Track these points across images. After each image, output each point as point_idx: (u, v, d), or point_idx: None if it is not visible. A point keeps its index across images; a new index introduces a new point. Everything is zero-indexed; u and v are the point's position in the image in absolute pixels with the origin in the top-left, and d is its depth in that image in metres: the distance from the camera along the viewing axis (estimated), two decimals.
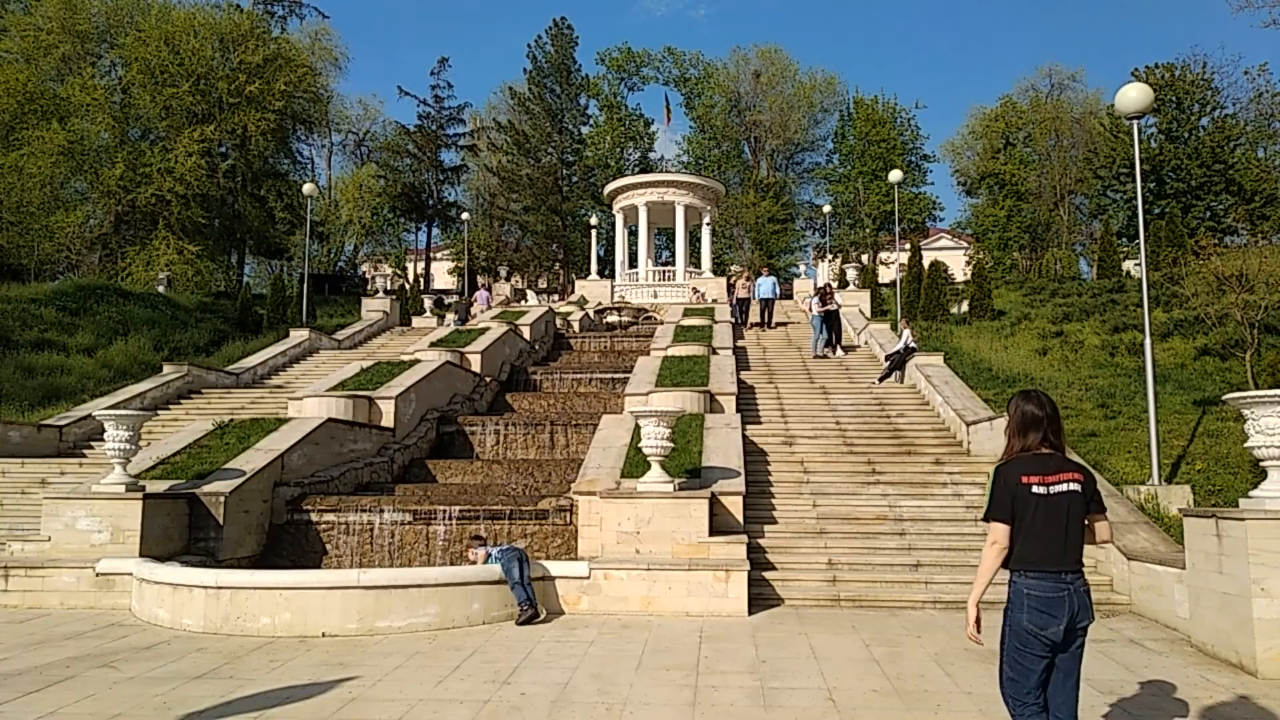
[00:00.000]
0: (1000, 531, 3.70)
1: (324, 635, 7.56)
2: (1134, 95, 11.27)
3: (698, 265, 42.02)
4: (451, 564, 9.45)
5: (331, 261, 50.12)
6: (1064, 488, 3.69)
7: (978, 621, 3.74)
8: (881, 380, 17.27)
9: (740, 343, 21.60)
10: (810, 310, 21.06)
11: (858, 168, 53.71)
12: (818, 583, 9.13)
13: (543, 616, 8.13)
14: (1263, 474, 7.04)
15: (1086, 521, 3.73)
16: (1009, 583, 3.72)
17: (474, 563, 8.62)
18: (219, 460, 10.75)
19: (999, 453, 12.16)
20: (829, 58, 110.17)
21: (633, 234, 42.82)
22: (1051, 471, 3.71)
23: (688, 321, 21.92)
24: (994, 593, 3.88)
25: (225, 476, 10.22)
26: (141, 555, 9.05)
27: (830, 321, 20.55)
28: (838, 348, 20.56)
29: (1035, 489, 3.67)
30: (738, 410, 13.82)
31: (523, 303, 35.60)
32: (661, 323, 24.34)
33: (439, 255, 59.73)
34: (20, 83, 32.04)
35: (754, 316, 25.14)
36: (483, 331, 19.62)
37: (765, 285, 24.83)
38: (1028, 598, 3.64)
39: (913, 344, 17.61)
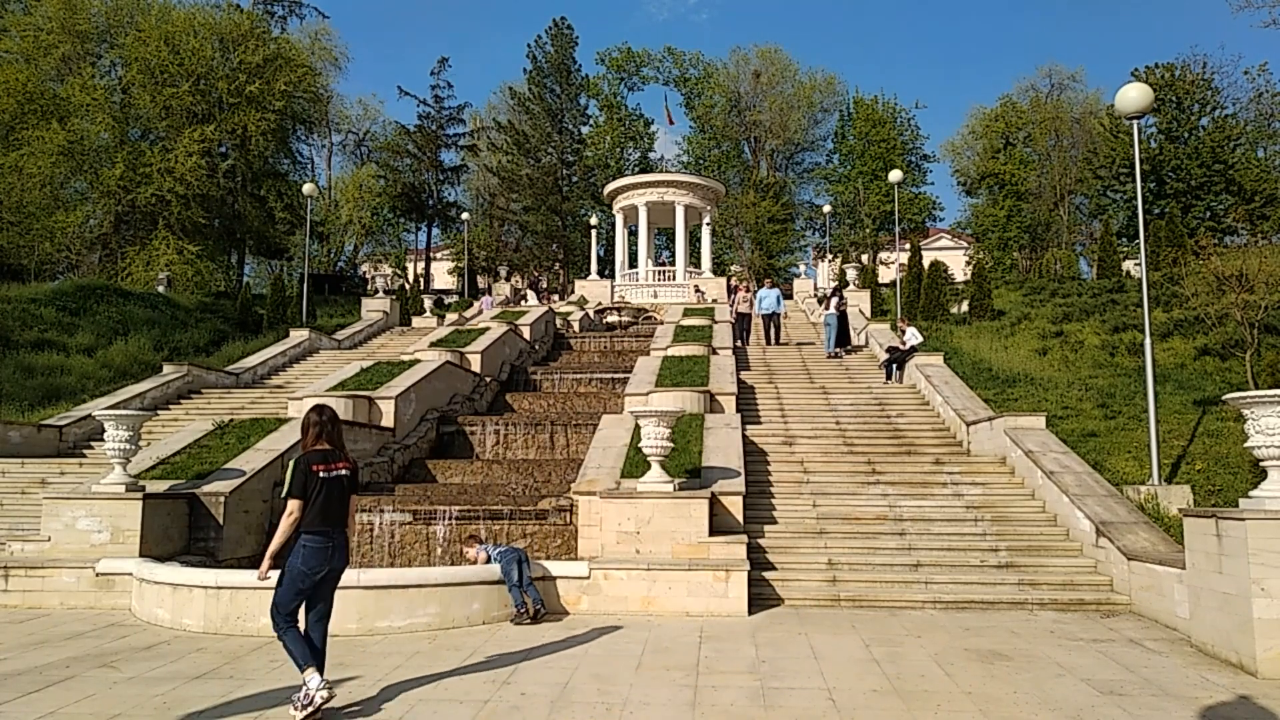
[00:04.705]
0: (296, 505, 5.19)
1: None
2: (1134, 95, 11.27)
3: (698, 265, 42.05)
4: (451, 564, 9.43)
5: (331, 261, 50.14)
6: (338, 473, 5.35)
7: (270, 570, 5.39)
8: (888, 376, 17.30)
9: (740, 343, 21.60)
10: (828, 309, 20.94)
11: (858, 168, 53.76)
12: (818, 583, 9.12)
13: (541, 619, 8.12)
14: (1263, 474, 7.03)
15: (353, 497, 5.50)
16: (299, 539, 5.23)
17: (473, 562, 8.61)
18: (219, 460, 10.75)
19: (999, 453, 12.31)
20: (829, 58, 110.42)
21: (633, 234, 42.83)
22: (331, 462, 5.34)
23: (688, 321, 21.89)
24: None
25: (225, 476, 10.22)
26: (141, 555, 9.05)
27: (841, 322, 20.65)
28: (843, 349, 20.70)
29: (321, 474, 5.26)
30: (738, 410, 13.81)
31: (523, 303, 35.63)
32: (661, 323, 24.31)
33: (439, 255, 59.73)
34: (20, 83, 31.98)
35: (756, 334, 23.09)
36: (483, 331, 19.61)
37: (769, 299, 22.58)
38: (305, 549, 5.21)
39: (915, 343, 17.56)
